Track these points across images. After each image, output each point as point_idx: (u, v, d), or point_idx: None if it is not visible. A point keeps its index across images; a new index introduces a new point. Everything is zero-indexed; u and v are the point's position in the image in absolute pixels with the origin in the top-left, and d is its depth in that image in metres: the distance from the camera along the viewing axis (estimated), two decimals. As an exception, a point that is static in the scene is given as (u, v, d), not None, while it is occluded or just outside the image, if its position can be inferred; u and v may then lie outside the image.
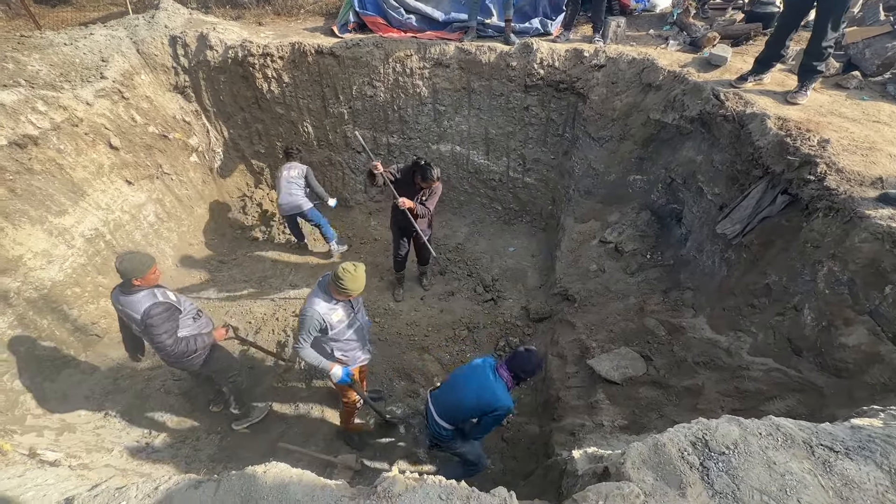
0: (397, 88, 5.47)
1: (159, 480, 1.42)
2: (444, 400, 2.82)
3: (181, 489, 1.39)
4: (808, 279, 2.86)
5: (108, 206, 4.74)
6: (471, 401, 2.62)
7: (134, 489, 1.38)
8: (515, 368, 2.61)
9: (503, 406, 2.55)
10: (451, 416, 2.76)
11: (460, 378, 2.78)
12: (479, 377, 2.64)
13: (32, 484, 1.53)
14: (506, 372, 2.63)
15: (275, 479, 1.43)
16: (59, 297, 4.10)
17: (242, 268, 5.60)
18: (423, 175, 3.92)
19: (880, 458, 1.47)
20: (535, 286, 5.30)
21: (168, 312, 2.90)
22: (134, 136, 5.07)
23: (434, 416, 2.83)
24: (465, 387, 2.69)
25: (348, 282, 2.66)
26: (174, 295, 3.05)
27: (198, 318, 3.21)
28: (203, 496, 1.37)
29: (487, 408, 2.58)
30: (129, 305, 2.85)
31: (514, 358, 2.63)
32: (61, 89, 4.54)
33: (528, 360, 2.60)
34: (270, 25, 6.39)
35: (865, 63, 3.89)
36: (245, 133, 6.16)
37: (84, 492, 1.40)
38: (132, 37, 5.35)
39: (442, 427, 2.82)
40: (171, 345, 2.91)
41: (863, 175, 2.83)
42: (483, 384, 2.60)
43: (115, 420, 3.83)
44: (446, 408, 2.78)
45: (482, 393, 2.58)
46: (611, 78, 4.65)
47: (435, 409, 2.84)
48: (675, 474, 1.45)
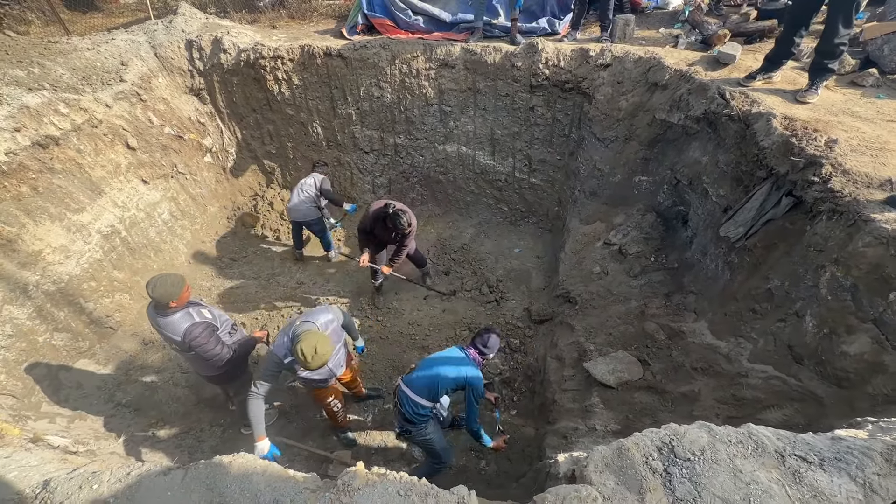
0: (404, 89, 5.51)
1: (132, 466, 1.48)
2: (420, 379, 2.97)
3: (151, 475, 1.45)
4: (810, 284, 2.75)
5: (125, 203, 4.94)
6: (449, 372, 2.91)
7: (108, 474, 1.45)
8: (478, 345, 3.02)
9: (473, 377, 2.90)
10: (431, 391, 2.92)
11: (434, 359, 3.06)
12: (452, 354, 3.02)
13: (17, 465, 1.62)
14: (472, 350, 3.02)
15: (240, 469, 1.47)
16: (75, 291, 4.29)
17: (252, 265, 5.75)
18: (393, 224, 4.02)
19: (855, 470, 1.41)
20: (538, 287, 5.26)
21: (207, 328, 2.98)
22: (150, 136, 5.27)
23: (410, 397, 2.95)
24: (440, 363, 2.97)
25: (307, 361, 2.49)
26: (208, 312, 3.11)
27: (234, 333, 3.29)
28: (170, 482, 1.43)
29: (462, 380, 2.90)
30: (167, 327, 2.90)
31: (476, 337, 3.06)
32: (83, 92, 4.76)
33: (488, 337, 3.01)
34: (284, 29, 6.54)
35: (884, 60, 3.72)
36: (257, 134, 6.32)
37: (62, 475, 1.47)
38: (151, 41, 5.57)
39: (419, 406, 2.94)
40: (226, 352, 3.04)
41: (871, 177, 2.71)
42: (454, 360, 2.98)
43: (124, 410, 3.99)
44: (425, 384, 2.94)
45: (454, 366, 2.93)
46: (616, 77, 4.58)
47: (411, 390, 2.97)
48: (637, 479, 1.43)
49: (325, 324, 2.84)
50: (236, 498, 1.41)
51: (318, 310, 2.95)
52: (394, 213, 3.98)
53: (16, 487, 1.49)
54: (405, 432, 3.08)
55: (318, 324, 2.77)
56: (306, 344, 2.47)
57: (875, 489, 1.36)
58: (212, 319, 3.08)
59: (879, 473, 1.40)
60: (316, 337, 2.54)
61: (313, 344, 2.47)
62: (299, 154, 6.39)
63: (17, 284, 3.85)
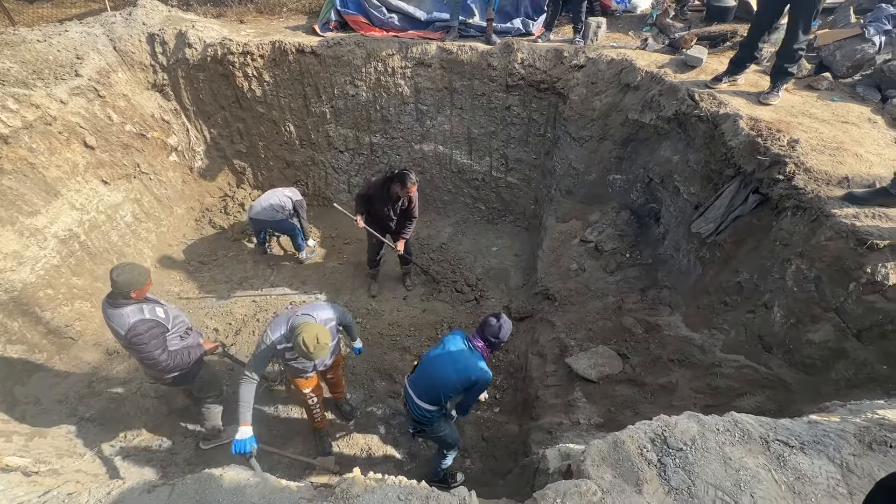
0: (379, 88, 5.45)
1: (112, 485, 1.39)
2: (422, 383, 2.79)
3: (134, 493, 1.36)
4: (777, 277, 2.90)
5: (83, 206, 4.65)
6: (452, 377, 2.64)
7: (86, 494, 1.36)
8: (488, 336, 2.67)
9: (484, 377, 2.62)
10: (434, 396, 2.74)
11: (436, 359, 2.76)
12: (456, 353, 2.69)
13: (-19, 491, 1.50)
14: (479, 342, 2.70)
15: (231, 483, 1.41)
16: (30, 300, 4.01)
17: (223, 268, 5.54)
18: (402, 182, 3.97)
19: (833, 451, 1.49)
20: (517, 285, 5.32)
21: (156, 329, 2.81)
22: (110, 134, 4.99)
23: (415, 401, 2.82)
24: (443, 365, 2.69)
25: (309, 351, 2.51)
26: (163, 311, 2.94)
27: (186, 336, 3.10)
28: (156, 500, 1.35)
29: (468, 382, 2.63)
30: (115, 319, 2.76)
31: (485, 326, 2.69)
32: (34, 87, 4.45)
33: (499, 327, 2.66)
34: (252, 24, 6.33)
35: (836, 65, 3.96)
36: (226, 132, 6.09)
37: (34, 498, 1.37)
38: (109, 34, 5.26)
39: (425, 409, 2.80)
40: (166, 359, 2.85)
41: (830, 174, 2.88)
42: (461, 359, 2.65)
43: (88, 425, 3.76)
44: (427, 389, 2.76)
45: (462, 367, 2.63)
46: (590, 78, 4.68)
47: (415, 394, 2.83)
48: (633, 471, 1.47)
49: (324, 321, 2.79)
50: (228, 512, 1.35)
51: (319, 305, 2.90)
52: (400, 171, 3.96)
53: (-19, 515, 1.37)
54: (419, 432, 3.03)
55: (318, 319, 2.73)
56: (308, 335, 2.48)
57: (852, 469, 1.44)
58: (164, 319, 2.90)
59: (855, 454, 1.48)
60: (316, 328, 2.54)
61: (314, 334, 2.49)
62: (271, 153, 6.20)
63: (-36, 294, 3.57)
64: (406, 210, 4.34)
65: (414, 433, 3.10)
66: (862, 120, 3.46)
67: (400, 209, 4.30)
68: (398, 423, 3.98)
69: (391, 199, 4.16)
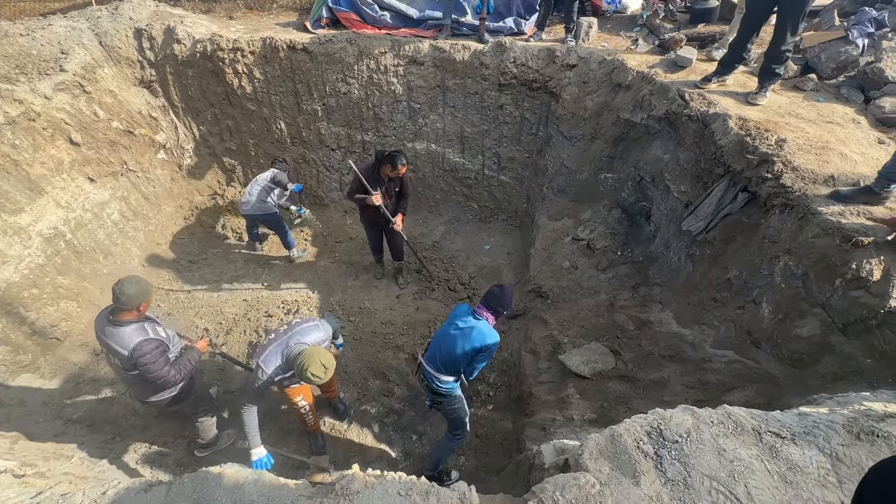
0: (371, 86, 5.42)
1: (108, 485, 1.37)
2: (437, 357, 2.95)
3: (130, 493, 1.34)
4: (766, 273, 2.96)
5: (69, 204, 4.56)
6: (462, 346, 2.81)
7: (80, 495, 1.33)
8: (492, 305, 2.83)
9: (491, 341, 2.80)
10: (450, 366, 2.91)
11: (446, 334, 2.93)
12: (461, 325, 2.86)
13: (-30, 493, 1.46)
14: (484, 311, 2.85)
15: (230, 480, 1.40)
16: (14, 300, 3.92)
17: (213, 267, 5.47)
18: (392, 164, 3.97)
19: (823, 442, 1.53)
20: (510, 283, 5.33)
21: (160, 348, 2.77)
22: (97, 131, 4.89)
23: (434, 375, 2.97)
24: (452, 338, 2.86)
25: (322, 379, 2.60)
26: (163, 330, 2.91)
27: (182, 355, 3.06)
28: (153, 499, 1.33)
29: (480, 347, 2.80)
30: (115, 338, 2.66)
31: (489, 296, 2.86)
32: (17, 82, 4.35)
33: (502, 295, 2.83)
34: (242, 20, 6.25)
35: (822, 66, 4.05)
36: (215, 129, 6.01)
37: (27, 500, 1.34)
38: (94, 29, 5.16)
39: (444, 381, 2.97)
40: (175, 374, 2.80)
41: (817, 173, 2.95)
42: (468, 328, 2.82)
43: (76, 426, 3.68)
44: (443, 362, 2.92)
45: (470, 336, 2.80)
46: (582, 77, 4.72)
47: (433, 368, 2.98)
48: (630, 463, 1.49)
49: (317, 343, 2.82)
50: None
51: (308, 328, 2.87)
52: (391, 152, 4.01)
53: (-28, 518, 1.33)
54: (436, 404, 3.14)
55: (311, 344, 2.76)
56: (314, 366, 2.53)
57: (841, 458, 1.48)
58: (165, 339, 2.86)
59: (844, 444, 1.52)
60: (317, 355, 2.58)
61: (319, 362, 2.55)
62: (261, 151, 6.14)
63: (-54, 294, 3.47)
64: (399, 192, 4.36)
65: (431, 405, 3.23)
66: (846, 120, 3.54)
67: (394, 190, 4.30)
68: (392, 422, 3.97)
69: (381, 182, 4.14)
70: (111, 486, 1.38)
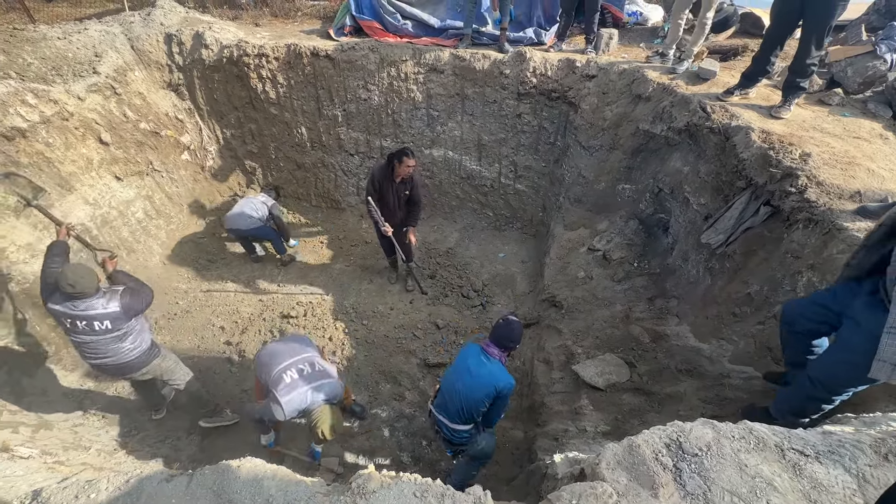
0: (391, 92, 5.50)
1: (130, 473, 1.40)
2: (449, 406, 2.76)
3: (152, 482, 1.37)
4: (788, 289, 2.90)
5: (96, 201, 4.70)
6: (476, 395, 2.62)
7: (104, 482, 1.37)
8: (502, 341, 2.66)
9: (506, 387, 2.60)
10: (465, 416, 2.72)
11: (458, 380, 2.72)
12: (472, 369, 2.66)
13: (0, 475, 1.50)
14: (495, 349, 2.67)
15: (249, 474, 1.42)
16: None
17: (231, 267, 5.57)
18: (399, 159, 4.07)
19: (849, 462, 1.49)
20: (523, 292, 5.32)
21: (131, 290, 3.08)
22: (125, 132, 5.05)
23: (448, 426, 2.79)
24: (463, 386, 2.67)
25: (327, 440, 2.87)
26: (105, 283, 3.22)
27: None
28: (175, 489, 1.36)
29: (494, 393, 2.60)
30: (94, 310, 2.86)
31: (497, 331, 2.67)
32: (53, 83, 4.52)
33: (510, 329, 2.65)
34: (267, 27, 6.41)
35: (848, 81, 3.99)
36: (238, 133, 6.15)
37: (53, 484, 1.38)
38: (127, 33, 5.35)
39: (461, 432, 2.80)
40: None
41: (842, 188, 2.89)
42: (480, 374, 2.62)
43: (93, 418, 3.76)
44: (457, 411, 2.72)
45: (485, 382, 2.60)
46: (602, 88, 4.72)
47: (447, 419, 2.79)
48: (649, 475, 1.47)
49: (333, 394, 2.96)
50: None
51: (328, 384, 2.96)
52: (399, 150, 4.11)
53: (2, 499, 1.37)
54: (459, 453, 3.03)
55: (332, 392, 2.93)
56: (325, 426, 2.77)
57: (868, 479, 1.44)
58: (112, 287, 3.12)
59: (871, 464, 1.48)
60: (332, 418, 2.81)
61: (330, 425, 2.77)
62: (282, 155, 6.26)
63: (-22, 284, 3.59)
64: (410, 196, 4.44)
65: (453, 455, 3.10)
66: (874, 136, 3.48)
67: (404, 194, 4.39)
68: (402, 427, 3.97)
69: (394, 180, 4.24)
70: (134, 475, 1.41)
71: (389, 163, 4.20)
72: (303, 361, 3.00)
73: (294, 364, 2.96)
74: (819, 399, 2.18)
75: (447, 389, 2.78)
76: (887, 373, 1.75)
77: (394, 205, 4.43)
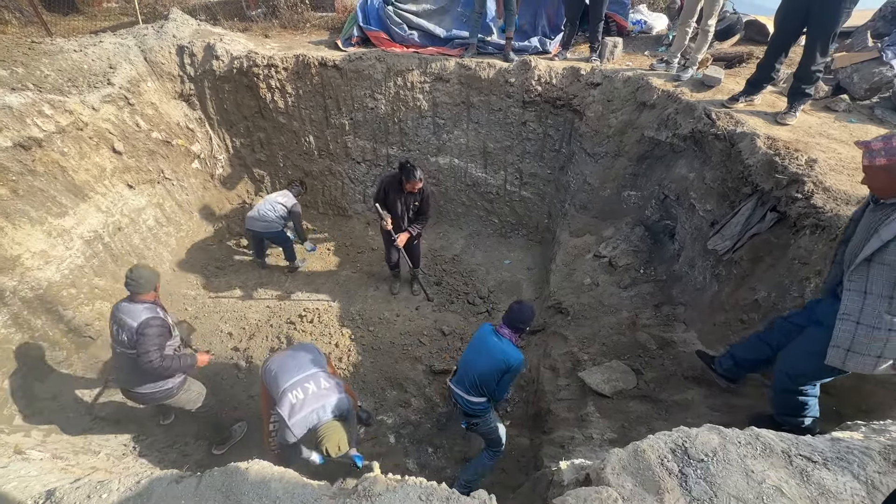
0: (398, 101, 5.58)
1: (141, 475, 1.43)
2: (466, 380, 3.05)
3: (162, 483, 1.40)
4: (796, 295, 2.88)
5: (109, 209, 4.79)
6: (488, 368, 2.91)
7: (116, 482, 1.39)
8: (514, 322, 2.93)
9: (516, 361, 2.89)
10: (479, 387, 3.00)
11: (470, 357, 3.07)
12: (485, 346, 2.97)
13: (15, 475, 1.53)
14: (506, 329, 2.95)
15: (256, 476, 1.44)
16: (54, 298, 4.11)
17: (239, 274, 5.63)
18: (406, 176, 4.14)
19: (857, 468, 1.48)
20: (529, 299, 5.31)
21: (163, 329, 3.00)
22: (137, 141, 5.16)
23: (465, 398, 3.06)
24: (477, 361, 2.99)
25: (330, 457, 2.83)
26: (171, 319, 3.19)
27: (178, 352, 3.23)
28: (184, 490, 1.38)
29: (505, 367, 2.88)
30: (129, 312, 2.95)
31: (510, 313, 2.95)
32: (68, 94, 4.64)
33: (522, 311, 2.94)
34: (276, 38, 6.54)
35: (854, 87, 3.98)
36: (247, 141, 6.26)
37: (66, 484, 1.41)
38: (140, 45, 5.48)
39: (476, 403, 3.05)
40: (157, 359, 2.92)
41: (849, 194, 2.88)
42: (491, 350, 2.93)
43: (103, 423, 3.80)
44: (471, 384, 3.01)
45: (494, 357, 2.90)
46: (606, 95, 4.75)
47: (462, 391, 3.07)
48: (654, 480, 1.46)
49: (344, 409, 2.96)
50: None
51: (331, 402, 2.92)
52: (409, 165, 4.17)
53: (16, 499, 1.40)
54: (472, 426, 3.20)
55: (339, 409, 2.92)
56: (330, 444, 2.76)
57: (877, 486, 1.43)
58: (171, 326, 3.13)
59: (880, 471, 1.47)
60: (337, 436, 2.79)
61: (336, 443, 2.77)
62: (290, 163, 6.35)
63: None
64: (419, 208, 4.51)
65: (467, 427, 3.27)
66: (880, 141, 3.45)
67: (413, 204, 4.46)
68: (408, 434, 3.97)
69: (402, 191, 4.32)
70: (144, 476, 1.44)
71: (399, 174, 4.25)
72: (308, 379, 2.97)
73: (299, 383, 2.93)
74: (790, 391, 2.29)
75: (463, 365, 3.10)
76: (841, 358, 1.91)
77: (401, 213, 4.48)
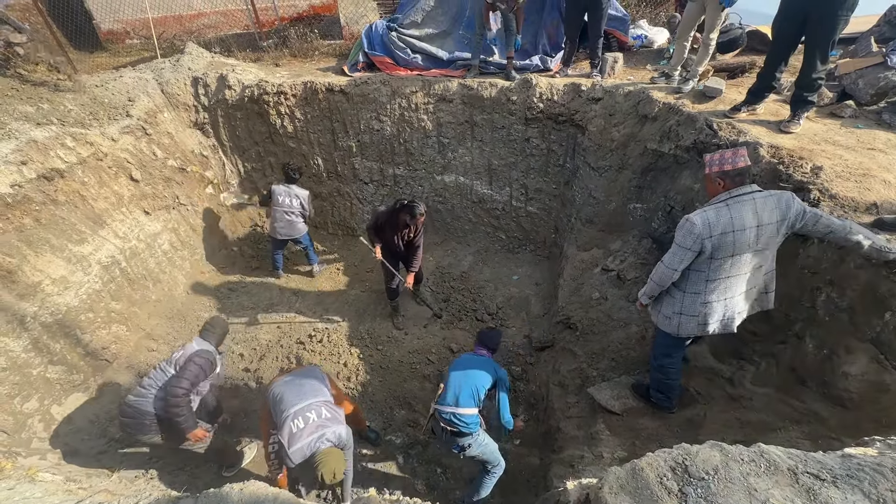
0: (403, 122, 5.70)
1: (140, 496, 1.45)
2: (454, 395, 3.09)
3: (159, 505, 1.42)
4: (807, 306, 2.81)
5: (126, 235, 4.96)
6: (480, 373, 3.14)
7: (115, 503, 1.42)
8: (487, 343, 3.37)
9: (501, 371, 3.23)
10: (468, 396, 3.07)
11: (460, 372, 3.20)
12: (473, 361, 3.25)
13: (20, 497, 1.57)
14: (483, 350, 3.35)
15: (250, 497, 1.44)
16: (72, 322, 4.24)
17: (251, 295, 5.72)
18: (410, 213, 4.20)
19: (868, 486, 1.42)
20: (538, 314, 5.27)
21: (207, 367, 3.28)
22: (154, 169, 5.36)
23: (454, 414, 3.06)
24: (468, 373, 3.16)
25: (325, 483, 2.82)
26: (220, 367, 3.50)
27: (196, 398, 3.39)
28: (180, 512, 1.40)
29: (495, 374, 3.16)
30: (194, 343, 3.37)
31: (483, 337, 3.40)
32: (90, 126, 4.87)
33: (491, 335, 3.40)
34: (286, 66, 6.79)
35: (859, 93, 3.93)
36: (258, 166, 6.44)
37: (68, 506, 1.44)
38: (158, 78, 5.75)
39: (466, 417, 3.05)
40: (181, 394, 3.10)
41: (857, 201, 2.82)
42: (480, 362, 3.23)
43: (116, 445, 3.85)
44: (460, 394, 3.08)
45: (485, 367, 3.19)
46: (608, 110, 4.78)
47: (450, 406, 3.09)
48: (653, 500, 1.42)
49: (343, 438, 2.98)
50: (246, 527, 1.38)
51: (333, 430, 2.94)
52: (409, 202, 4.26)
53: (19, 520, 1.44)
54: (464, 449, 3.16)
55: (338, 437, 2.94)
56: (326, 469, 2.77)
57: (889, 505, 1.36)
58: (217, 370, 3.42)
59: (892, 489, 1.40)
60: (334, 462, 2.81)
61: (332, 469, 2.78)
62: (300, 185, 6.49)
63: (15, 316, 3.80)
64: (411, 241, 4.56)
65: (459, 452, 3.20)
66: (890, 146, 3.39)
67: (406, 237, 4.52)
68: (416, 454, 3.92)
69: (398, 226, 4.38)
70: (143, 498, 1.46)
71: (396, 211, 4.32)
72: (310, 408, 2.96)
73: (301, 412, 2.93)
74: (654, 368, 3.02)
75: (454, 381, 3.16)
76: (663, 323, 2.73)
77: (395, 244, 4.57)
